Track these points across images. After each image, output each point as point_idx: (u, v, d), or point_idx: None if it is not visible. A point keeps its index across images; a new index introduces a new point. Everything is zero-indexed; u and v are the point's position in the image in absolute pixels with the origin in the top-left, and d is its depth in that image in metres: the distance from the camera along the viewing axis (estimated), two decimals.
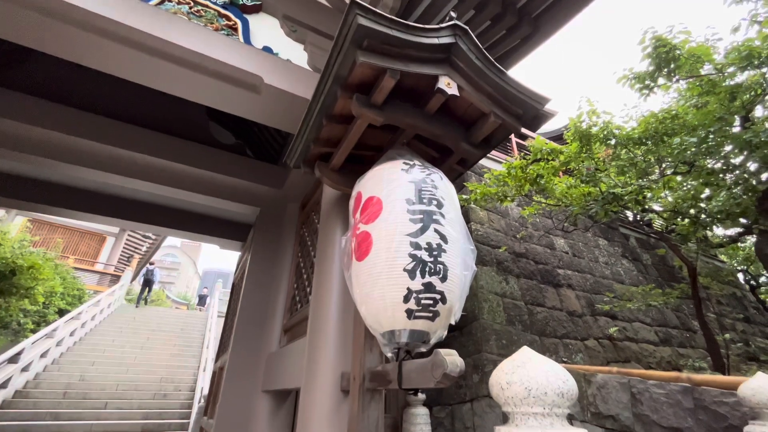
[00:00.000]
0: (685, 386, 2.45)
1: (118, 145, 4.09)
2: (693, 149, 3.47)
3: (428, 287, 1.51)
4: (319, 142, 2.20)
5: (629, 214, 8.34)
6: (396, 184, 1.69)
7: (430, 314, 1.52)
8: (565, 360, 4.75)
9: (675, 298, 4.86)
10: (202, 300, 20.38)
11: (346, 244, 1.77)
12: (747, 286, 10.34)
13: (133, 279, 17.82)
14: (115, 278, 15.36)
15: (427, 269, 1.52)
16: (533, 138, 9.29)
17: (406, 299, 1.50)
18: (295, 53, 3.34)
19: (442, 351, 1.34)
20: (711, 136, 3.46)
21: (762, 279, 10.47)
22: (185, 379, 9.46)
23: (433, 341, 1.58)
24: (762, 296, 10.45)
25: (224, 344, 4.66)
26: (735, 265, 10.46)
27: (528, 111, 2.01)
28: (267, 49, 3.19)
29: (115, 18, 2.48)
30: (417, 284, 1.50)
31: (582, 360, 4.93)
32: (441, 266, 1.55)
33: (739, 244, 7.52)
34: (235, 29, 3.15)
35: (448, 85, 1.82)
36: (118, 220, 5.54)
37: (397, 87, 1.91)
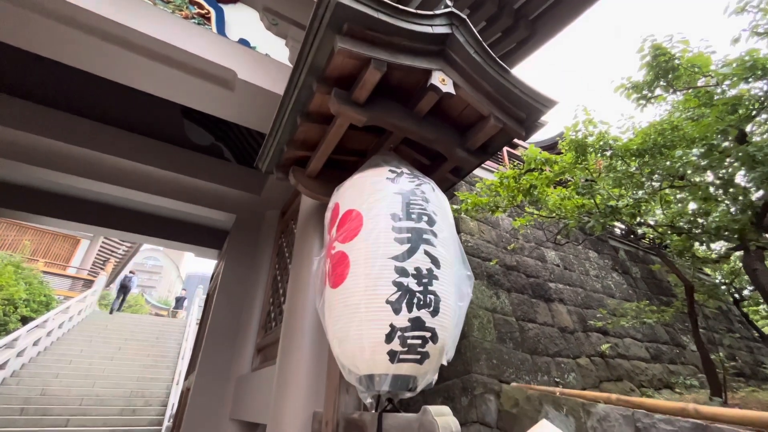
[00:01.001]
0: (697, 423, 2.22)
1: (86, 145, 3.73)
2: (695, 162, 3.31)
3: (416, 323, 1.23)
4: (294, 144, 1.92)
5: (618, 226, 8.24)
6: (380, 196, 1.42)
7: (418, 356, 1.24)
8: (558, 381, 4.52)
9: (670, 316, 4.68)
10: (179, 303, 19.03)
11: (319, 266, 1.49)
12: (731, 299, 10.37)
13: (108, 284, 17.07)
14: (89, 283, 14.63)
15: (415, 301, 1.25)
16: (524, 147, 9.17)
17: (389, 338, 1.22)
18: (275, 49, 3.06)
19: (433, 409, 1.06)
20: (713, 149, 3.30)
21: (745, 293, 10.52)
22: (157, 393, 8.93)
23: (420, 387, 1.30)
24: (745, 309, 10.51)
25: (193, 362, 4.29)
26: (720, 279, 10.50)
27: (532, 115, 1.77)
28: (243, 42, 2.91)
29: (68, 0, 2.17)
30: (402, 320, 1.23)
31: (575, 380, 4.71)
32: (432, 297, 1.28)
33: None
34: (208, 18, 2.86)
35: (442, 81, 1.57)
36: (85, 225, 5.12)
37: (384, 82, 1.65)
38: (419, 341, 1.24)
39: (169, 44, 2.43)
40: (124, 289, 14.73)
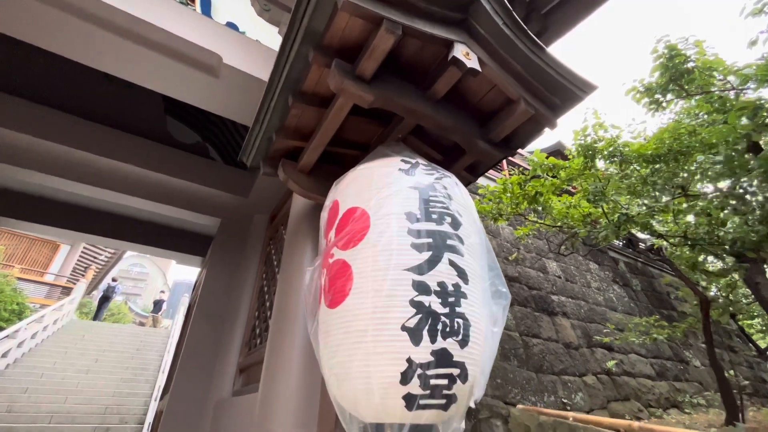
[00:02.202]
0: None
1: (53, 139, 3.37)
2: (718, 169, 3.10)
3: (441, 357, 0.93)
4: (285, 132, 1.62)
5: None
6: (391, 190, 1.12)
7: (443, 401, 0.93)
8: (565, 402, 4.22)
9: (680, 333, 4.43)
10: (157, 306, 17.32)
11: (313, 279, 1.18)
12: (721, 310, 10.21)
13: (89, 292, 16.39)
14: (68, 291, 13.97)
15: (440, 327, 0.95)
16: (522, 155, 9.00)
17: (406, 378, 0.91)
18: (267, 36, 2.78)
19: None
20: (735, 154, 3.09)
21: (742, 305, 10.41)
22: (134, 409, 8.37)
23: None
24: (740, 322, 10.37)
25: (169, 381, 3.89)
26: (716, 292, 10.38)
27: (566, 101, 1.50)
28: (231, 26, 2.62)
29: None
30: (424, 352, 0.92)
31: (582, 400, 4.41)
32: (460, 321, 0.98)
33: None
34: None
35: (466, 55, 1.29)
36: (55, 229, 4.72)
37: (394, 56, 1.37)
38: (445, 381, 0.93)
39: (143, 20, 2.12)
40: (106, 299, 14.06)
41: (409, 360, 0.91)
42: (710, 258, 4.55)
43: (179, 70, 2.39)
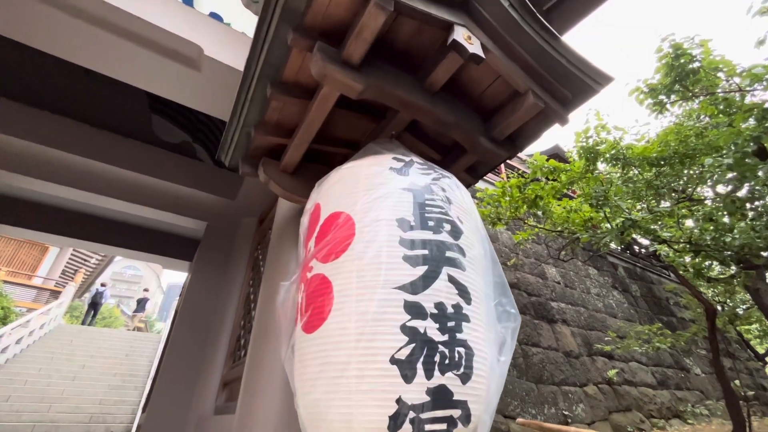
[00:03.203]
0: None
1: (29, 138, 3.18)
2: (726, 171, 2.97)
3: (439, 396, 0.76)
4: (265, 127, 1.46)
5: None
6: (381, 193, 0.96)
7: None
8: (566, 414, 4.06)
9: (684, 342, 4.29)
10: (140, 305, 16.32)
11: (288, 296, 1.01)
12: (727, 318, 10.13)
13: (79, 296, 16.07)
14: (56, 294, 13.65)
15: (437, 358, 0.78)
16: (521, 158, 8.88)
17: (396, 423, 0.74)
18: (254, 28, 2.61)
19: None
20: (745, 157, 2.96)
21: (738, 311, 10.33)
22: (122, 417, 8.11)
23: None
24: (739, 327, 10.28)
25: (150, 393, 3.68)
26: (715, 298, 10.31)
27: (579, 94, 1.34)
28: (215, 17, 2.45)
29: None
30: (418, 391, 0.75)
31: (584, 411, 4.25)
32: (461, 351, 0.81)
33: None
34: None
35: (468, 39, 1.13)
36: (32, 232, 4.50)
37: (387, 39, 1.21)
38: (443, 425, 0.76)
39: (115, 7, 1.95)
40: (94, 306, 13.70)
41: (399, 401, 0.74)
42: (713, 264, 4.42)
43: (156, 62, 2.22)
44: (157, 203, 3.55)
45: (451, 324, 0.82)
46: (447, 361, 0.78)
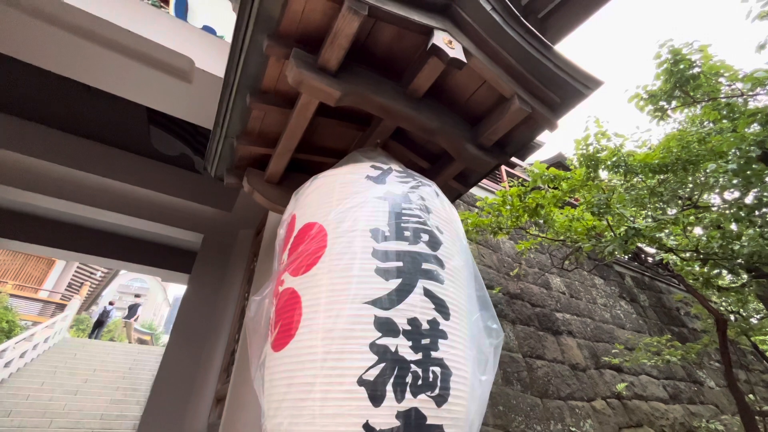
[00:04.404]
0: None
1: (30, 153, 3.21)
2: (732, 176, 2.89)
3: (411, 420, 0.70)
4: (248, 137, 1.43)
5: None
6: (355, 202, 0.91)
7: None
8: (573, 431, 3.90)
9: (695, 354, 4.15)
10: (131, 311, 15.55)
11: (258, 311, 0.96)
12: (739, 329, 9.84)
13: (86, 309, 16.13)
14: (62, 307, 13.71)
15: (409, 379, 0.72)
16: (523, 167, 8.81)
17: None
18: None
19: None
20: (750, 163, 2.88)
21: (754, 321, 10.04)
22: None
23: None
24: (753, 338, 9.96)
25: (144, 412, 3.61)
26: (727, 307, 10.04)
27: (568, 98, 1.30)
28: (208, 30, 2.47)
29: None
30: (387, 415, 0.70)
31: (592, 428, 4.09)
32: (437, 370, 0.75)
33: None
34: (166, 1, 2.43)
35: (448, 44, 1.10)
36: (37, 247, 4.52)
37: (367, 46, 1.18)
38: None
39: (105, 21, 1.96)
40: (100, 324, 13.71)
41: (366, 425, 0.69)
42: (722, 272, 4.29)
43: (149, 75, 2.23)
44: (156, 216, 3.54)
45: (425, 341, 0.76)
46: (420, 382, 0.73)
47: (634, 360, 4.61)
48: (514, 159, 7.74)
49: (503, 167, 7.98)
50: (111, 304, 14.38)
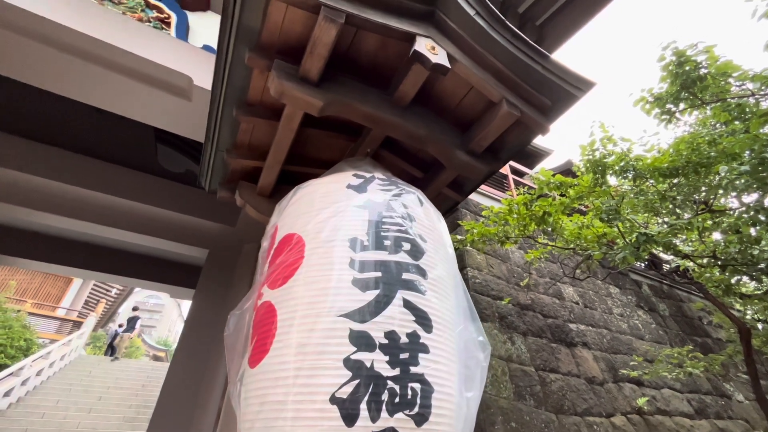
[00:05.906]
0: None
1: (36, 173, 3.30)
2: (746, 178, 2.78)
3: None
4: (238, 150, 1.43)
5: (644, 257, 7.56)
6: (333, 211, 0.89)
7: None
8: None
9: (718, 365, 3.94)
10: (130, 324, 14.58)
11: (239, 326, 0.93)
12: (765, 338, 9.38)
13: (102, 326, 16.36)
14: (78, 325, 13.94)
15: (385, 397, 0.68)
16: (530, 174, 8.70)
17: None
18: None
19: None
20: (764, 162, 2.78)
21: None
22: None
23: None
24: None
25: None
26: (751, 315, 9.61)
27: (560, 101, 1.27)
28: (209, 49, 2.52)
29: None
30: None
31: None
32: (416, 386, 0.71)
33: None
34: (168, 23, 2.49)
35: (431, 50, 1.08)
36: (47, 265, 4.61)
37: (351, 54, 1.18)
38: None
39: (111, 45, 2.02)
40: (112, 347, 13.73)
41: None
42: (744, 278, 4.11)
43: (151, 94, 2.28)
44: (162, 232, 3.58)
45: (403, 356, 0.72)
46: (397, 400, 0.69)
47: (654, 372, 4.40)
48: (522, 168, 7.65)
49: (511, 176, 7.88)
50: (120, 326, 13.69)
